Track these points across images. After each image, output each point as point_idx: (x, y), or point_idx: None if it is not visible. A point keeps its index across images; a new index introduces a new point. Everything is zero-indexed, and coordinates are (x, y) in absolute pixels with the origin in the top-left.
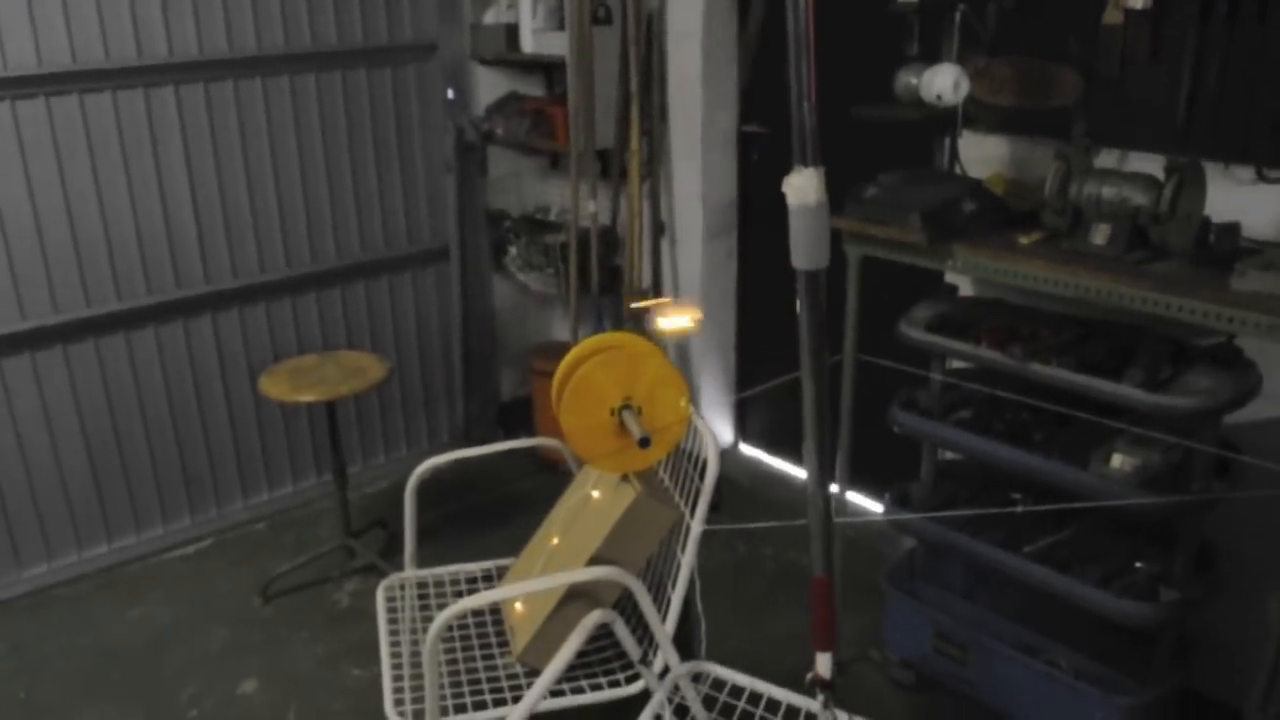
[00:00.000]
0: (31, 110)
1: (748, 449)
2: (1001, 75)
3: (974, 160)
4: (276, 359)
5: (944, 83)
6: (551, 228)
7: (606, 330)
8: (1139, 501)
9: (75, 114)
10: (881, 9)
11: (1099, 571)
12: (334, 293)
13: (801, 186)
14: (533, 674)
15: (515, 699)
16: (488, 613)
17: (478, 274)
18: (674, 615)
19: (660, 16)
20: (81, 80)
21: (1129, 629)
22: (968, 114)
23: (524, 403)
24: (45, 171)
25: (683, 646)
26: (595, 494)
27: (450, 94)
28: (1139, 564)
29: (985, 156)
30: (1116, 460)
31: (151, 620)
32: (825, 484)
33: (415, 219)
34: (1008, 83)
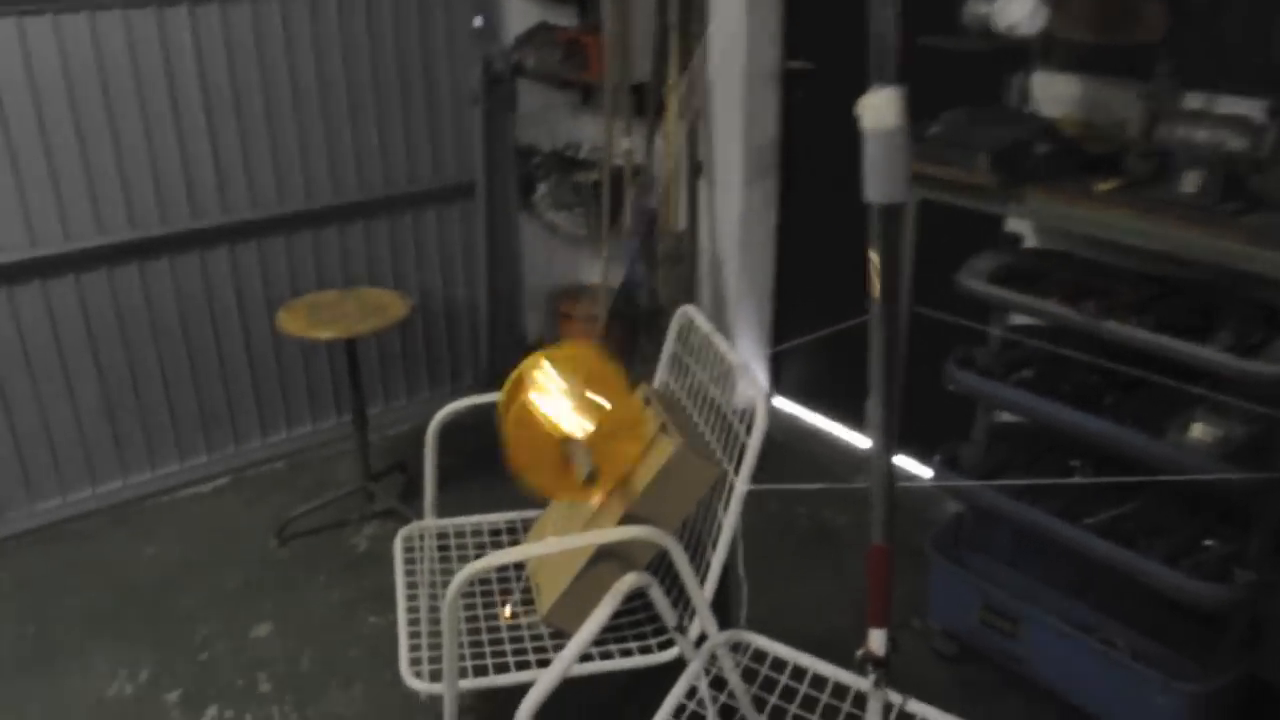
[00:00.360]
0: (38, 28)
1: (783, 402)
2: (1080, 7)
3: (1045, 100)
4: (295, 294)
5: (1019, 11)
6: (582, 166)
7: (638, 271)
8: (1222, 477)
9: (84, 34)
10: None
11: (1165, 548)
12: (355, 227)
13: (879, 107)
14: (558, 635)
15: (540, 662)
16: (511, 568)
17: (504, 212)
18: (713, 580)
19: None
20: None
21: (1198, 610)
22: (1041, 49)
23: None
24: (54, 95)
25: (720, 613)
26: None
27: (478, 22)
28: (1209, 542)
29: (1057, 96)
30: (1197, 430)
31: (165, 559)
32: (890, 444)
33: (440, 153)
34: (1086, 16)
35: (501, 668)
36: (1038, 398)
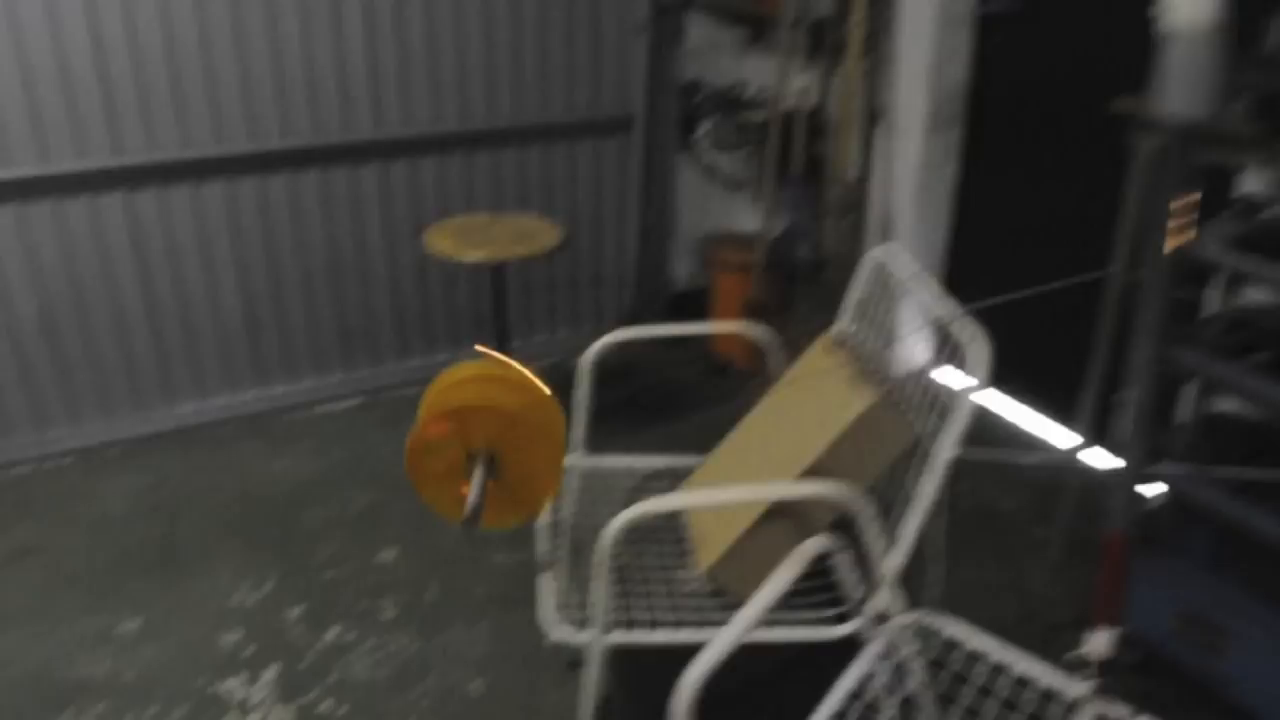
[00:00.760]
0: None
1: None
2: None
3: None
4: (442, 217)
5: None
6: (748, 106)
7: (802, 221)
8: None
9: None
10: None
11: None
12: (507, 154)
13: (1190, 2)
14: (718, 594)
15: (696, 622)
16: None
17: (662, 150)
18: (902, 552)
19: None
20: None
21: None
22: None
23: (699, 295)
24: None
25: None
26: (817, 394)
27: None
28: None
29: None
30: None
31: (294, 473)
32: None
33: (601, 84)
34: None
35: (655, 622)
36: None
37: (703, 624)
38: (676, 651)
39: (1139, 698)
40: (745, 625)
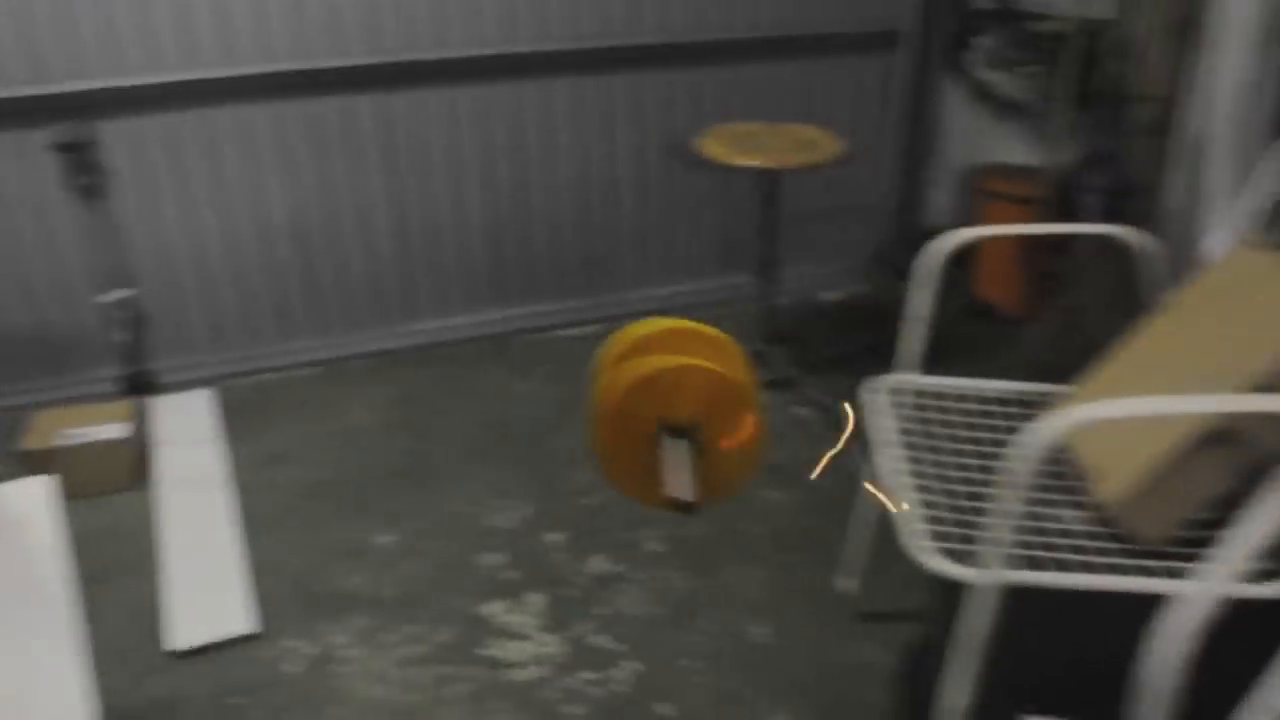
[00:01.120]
0: None
1: None
2: None
3: None
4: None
5: None
6: (1033, 18)
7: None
8: None
9: None
10: None
11: None
12: (761, 69)
13: None
14: (1117, 537)
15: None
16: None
17: (929, 68)
18: None
19: None
20: None
21: None
22: None
23: None
24: None
25: None
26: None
27: None
28: None
29: None
30: None
31: (539, 397)
32: None
33: None
34: None
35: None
36: None
37: (1116, 569)
38: (1065, 599)
39: None
40: (1227, 572)
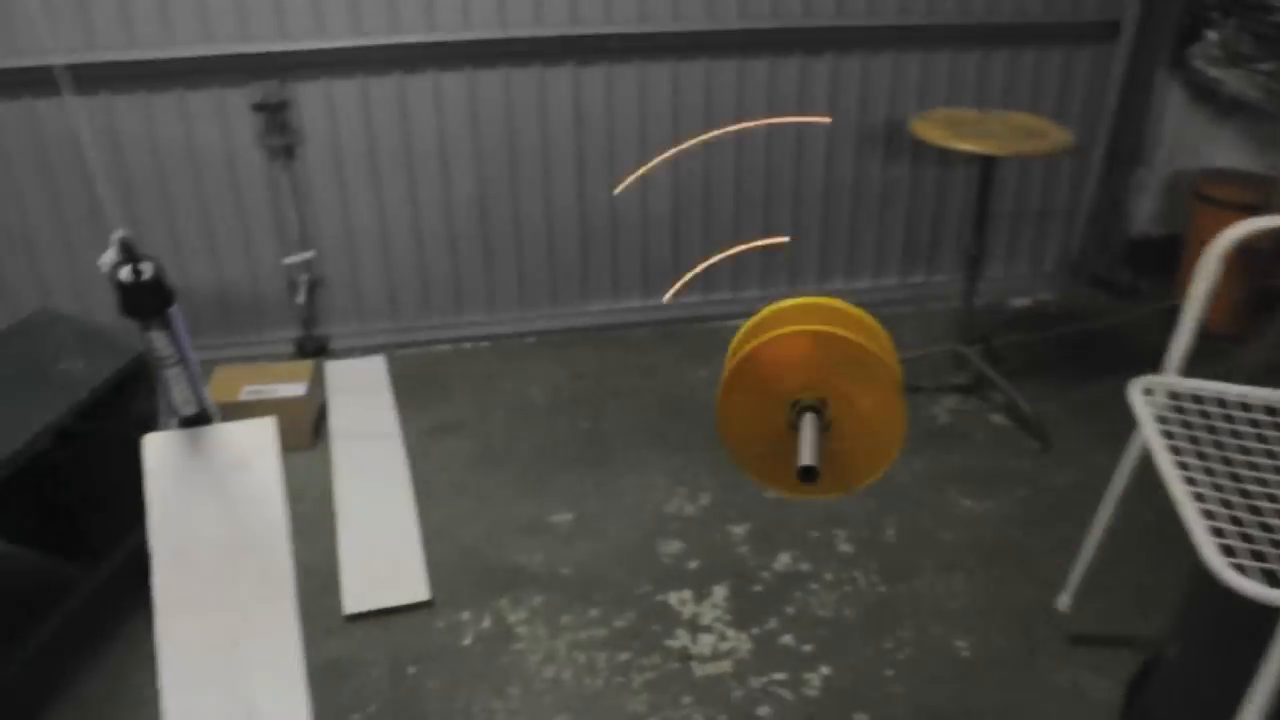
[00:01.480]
0: None
1: None
2: None
3: None
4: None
5: None
6: (1275, 9)
7: None
8: None
9: None
10: None
11: None
12: (968, 56)
13: None
14: None
15: None
16: None
17: (1149, 63)
18: None
19: None
20: None
21: None
22: None
23: (1164, 244)
24: None
25: None
26: None
27: None
28: None
29: None
30: None
31: (715, 386)
32: None
33: None
34: None
35: None
36: None
37: None
38: None
39: None
40: None
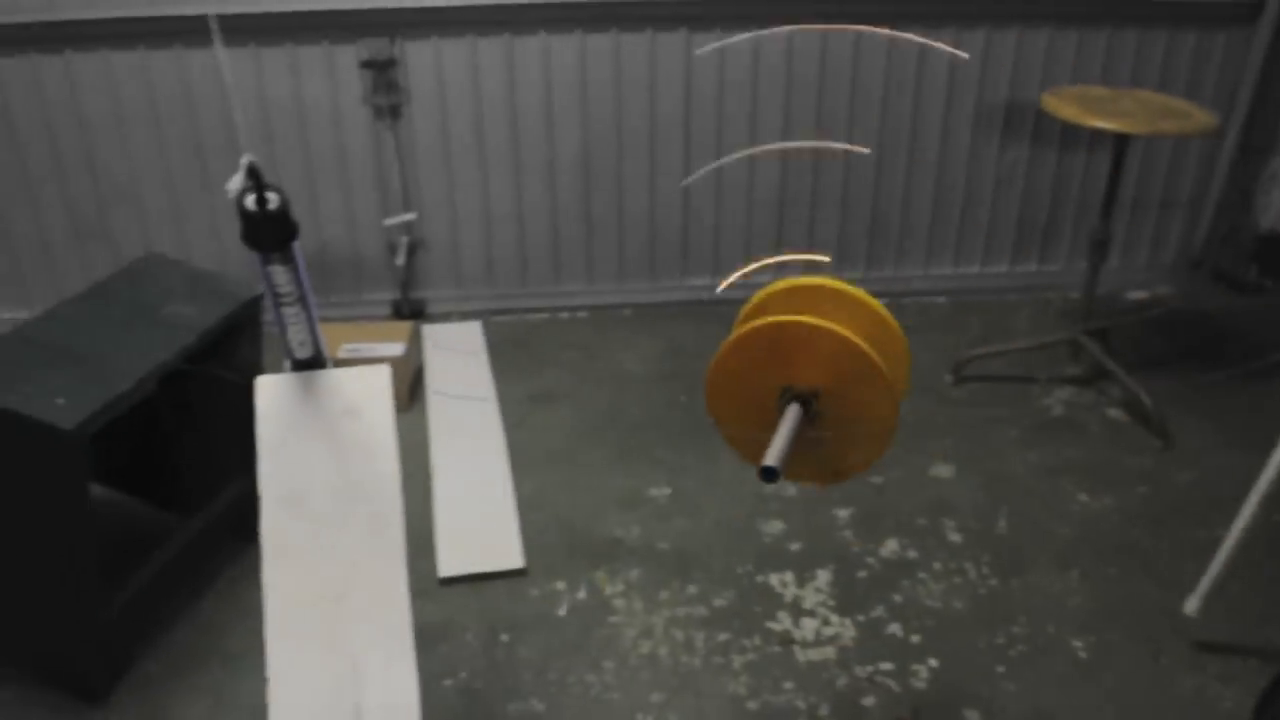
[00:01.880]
0: None
1: None
2: None
3: None
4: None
5: None
6: None
7: None
8: None
9: None
10: None
11: None
12: (1097, 34)
13: None
14: None
15: None
16: None
17: None
18: None
19: None
20: None
21: None
22: None
23: None
24: None
25: None
26: None
27: None
28: None
29: None
30: None
31: None
32: None
33: None
34: None
35: None
36: None
37: None
38: None
39: None
40: None
